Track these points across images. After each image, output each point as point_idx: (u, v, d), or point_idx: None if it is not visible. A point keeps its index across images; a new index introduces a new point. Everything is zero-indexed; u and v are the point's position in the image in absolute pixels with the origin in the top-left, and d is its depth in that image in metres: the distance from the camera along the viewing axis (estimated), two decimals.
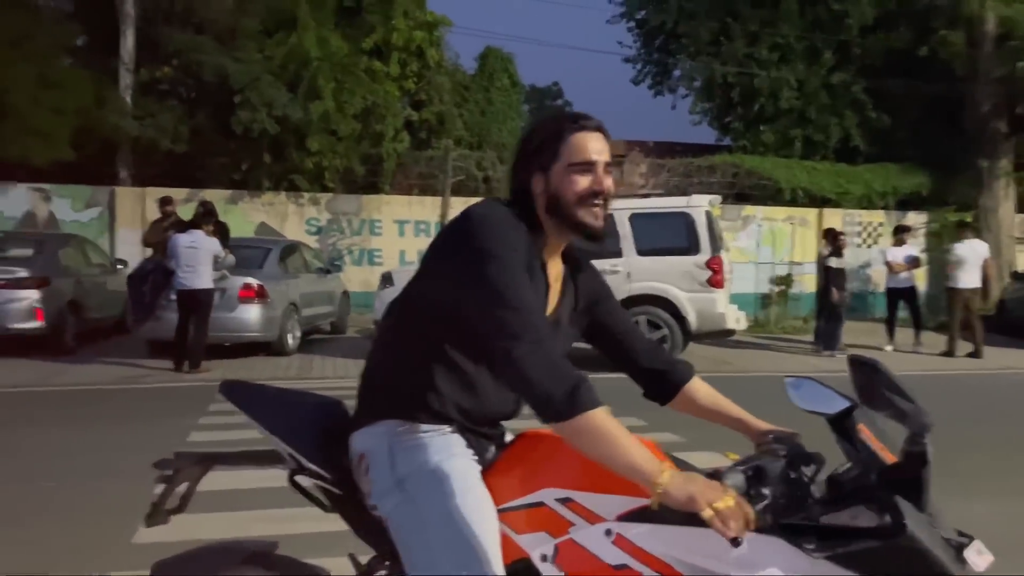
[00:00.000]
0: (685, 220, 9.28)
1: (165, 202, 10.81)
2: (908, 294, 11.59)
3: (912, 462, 1.43)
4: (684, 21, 19.82)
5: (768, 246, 15.20)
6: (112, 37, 14.92)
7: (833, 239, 11.40)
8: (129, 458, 1.88)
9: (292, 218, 14.81)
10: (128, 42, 14.76)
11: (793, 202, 16.73)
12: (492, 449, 1.76)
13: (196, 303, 8.95)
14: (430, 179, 15.43)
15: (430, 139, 15.98)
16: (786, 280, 14.65)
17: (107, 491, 4.41)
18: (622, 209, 9.54)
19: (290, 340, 10.42)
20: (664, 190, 16.33)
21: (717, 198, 10.29)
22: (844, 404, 1.58)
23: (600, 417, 1.45)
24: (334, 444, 1.77)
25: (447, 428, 1.67)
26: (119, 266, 12.12)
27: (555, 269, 1.78)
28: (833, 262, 11.16)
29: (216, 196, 13.53)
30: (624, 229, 9.38)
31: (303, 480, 1.85)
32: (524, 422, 1.76)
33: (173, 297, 9.25)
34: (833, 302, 11.14)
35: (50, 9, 15.74)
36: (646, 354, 1.92)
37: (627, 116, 53.80)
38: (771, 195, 16.77)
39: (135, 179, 14.70)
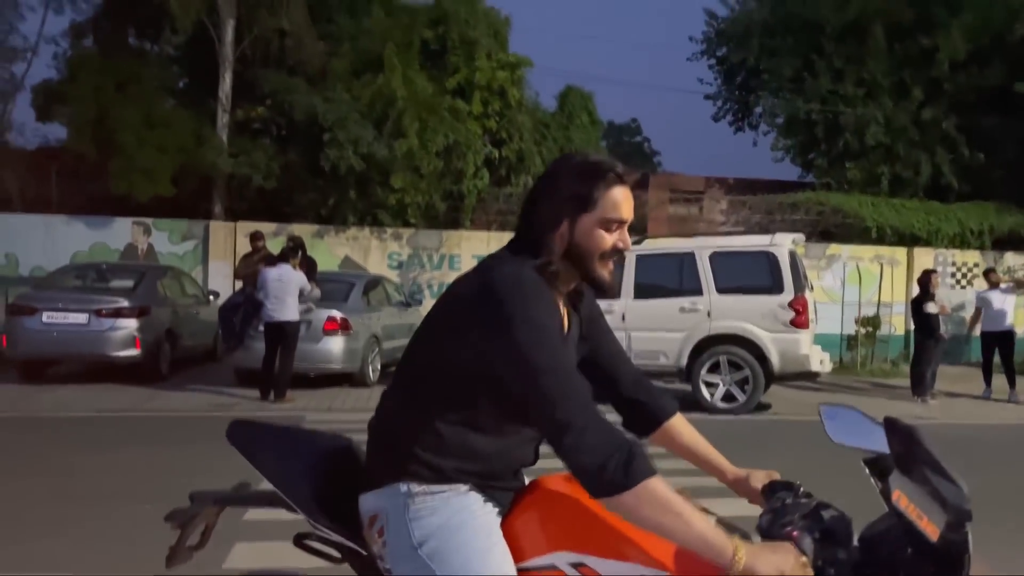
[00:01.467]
0: (768, 259, 9.13)
1: (255, 237, 11.25)
2: (1003, 339, 11.05)
3: (952, 550, 1.33)
4: (766, 58, 19.66)
5: (854, 286, 14.75)
6: (211, 79, 15.74)
7: (924, 283, 11.04)
8: (217, 483, 1.96)
9: (375, 252, 15.18)
10: (226, 84, 15.55)
11: (881, 240, 16.25)
12: (512, 498, 1.68)
13: (282, 335, 9.25)
14: (509, 215, 15.61)
15: (510, 176, 16.20)
16: (873, 321, 14.17)
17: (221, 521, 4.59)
18: (702, 247, 9.47)
19: (371, 372, 10.63)
20: (745, 227, 16.12)
21: (801, 236, 10.11)
22: (885, 446, 1.48)
23: (660, 485, 1.38)
24: (344, 495, 1.71)
25: (464, 487, 1.60)
26: (211, 297, 12.63)
27: (565, 309, 1.72)
28: (931, 307, 10.77)
29: (303, 230, 14.03)
30: (704, 267, 9.29)
31: (311, 539, 1.81)
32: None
33: (261, 328, 9.60)
34: (930, 346, 10.78)
35: (156, 53, 16.74)
36: (631, 385, 1.87)
37: (707, 152, 53.46)
38: (857, 234, 16.34)
39: (228, 213, 15.37)
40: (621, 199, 1.61)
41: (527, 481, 1.76)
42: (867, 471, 1.57)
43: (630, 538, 1.49)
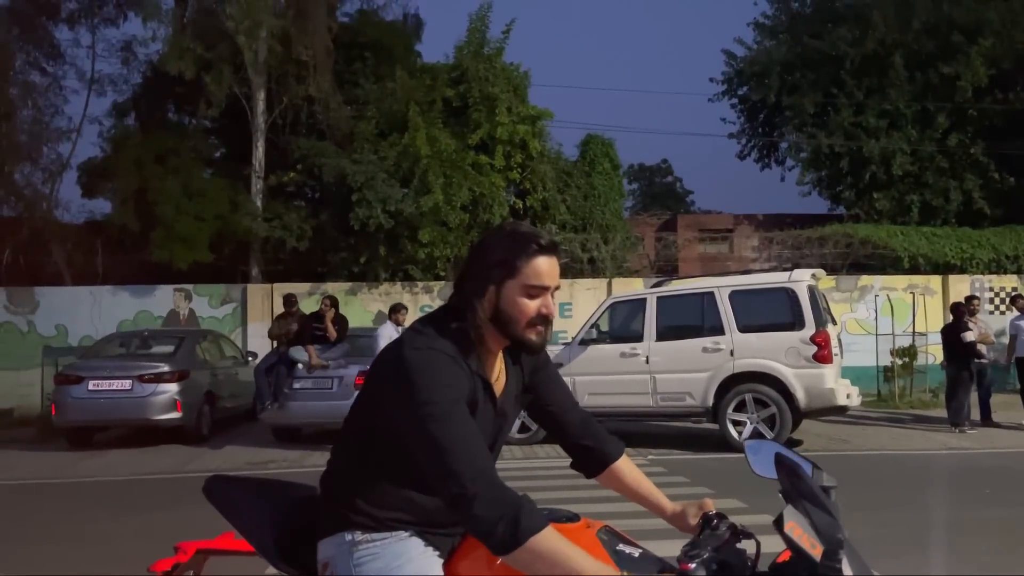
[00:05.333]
0: (787, 295, 9.15)
1: (288, 298, 11.64)
2: None
3: (830, 574, 1.45)
4: (787, 95, 19.81)
5: (887, 316, 14.60)
6: (245, 148, 16.43)
7: (958, 311, 10.98)
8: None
9: (407, 306, 15.44)
10: (259, 151, 16.20)
11: (914, 270, 16.09)
12: (456, 540, 1.79)
13: None
14: None
15: (535, 225, 16.43)
16: (909, 352, 13.97)
17: (240, 572, 4.77)
18: (722, 286, 9.54)
19: None
20: (776, 263, 16.10)
21: (821, 271, 10.10)
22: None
23: (545, 540, 1.48)
24: (307, 542, 1.84)
25: (404, 533, 1.73)
26: (250, 358, 12.97)
27: (497, 367, 1.83)
28: (968, 336, 10.67)
29: (337, 288, 14.40)
30: (724, 306, 9.35)
31: None
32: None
33: (296, 386, 9.94)
34: (964, 375, 10.67)
35: (192, 127, 17.53)
36: (578, 429, 2.00)
37: (739, 189, 53.47)
38: (890, 264, 16.22)
39: (264, 276, 15.86)
40: (543, 268, 1.70)
41: None
42: (783, 500, 1.70)
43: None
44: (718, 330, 9.35)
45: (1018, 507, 6.35)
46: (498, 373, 1.84)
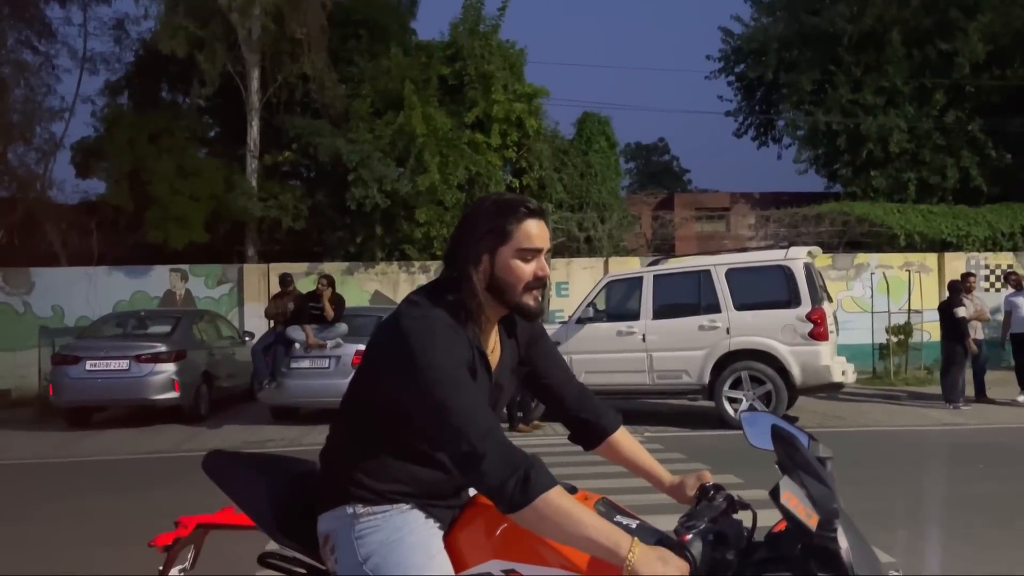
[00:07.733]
0: (784, 273, 9.15)
1: (285, 278, 11.61)
2: None
3: (827, 545, 1.45)
4: (784, 72, 19.71)
5: (883, 294, 14.63)
6: (240, 127, 16.32)
7: (954, 288, 11.02)
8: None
9: (403, 286, 15.45)
10: (254, 131, 16.10)
11: (910, 248, 16.12)
12: (456, 512, 1.82)
13: None
14: None
15: None
16: (905, 329, 14.02)
17: (241, 545, 4.79)
18: (718, 264, 9.55)
19: None
20: (773, 241, 16.11)
21: (817, 249, 10.11)
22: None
23: (556, 498, 1.51)
24: (307, 516, 1.84)
25: (405, 505, 1.75)
26: (247, 338, 12.96)
27: (492, 338, 1.83)
28: (961, 311, 10.71)
29: (333, 268, 14.38)
30: (721, 284, 9.36)
31: (274, 558, 1.98)
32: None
33: (294, 365, 9.94)
34: (968, 352, 10.72)
35: (186, 106, 17.40)
36: (575, 402, 2.01)
37: (734, 167, 53.30)
38: (886, 241, 16.23)
39: (260, 256, 15.82)
40: (534, 230, 1.73)
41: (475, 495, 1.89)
42: (779, 471, 1.71)
43: (551, 545, 1.63)
44: (714, 308, 9.37)
45: (1011, 482, 6.40)
46: (493, 345, 1.84)
